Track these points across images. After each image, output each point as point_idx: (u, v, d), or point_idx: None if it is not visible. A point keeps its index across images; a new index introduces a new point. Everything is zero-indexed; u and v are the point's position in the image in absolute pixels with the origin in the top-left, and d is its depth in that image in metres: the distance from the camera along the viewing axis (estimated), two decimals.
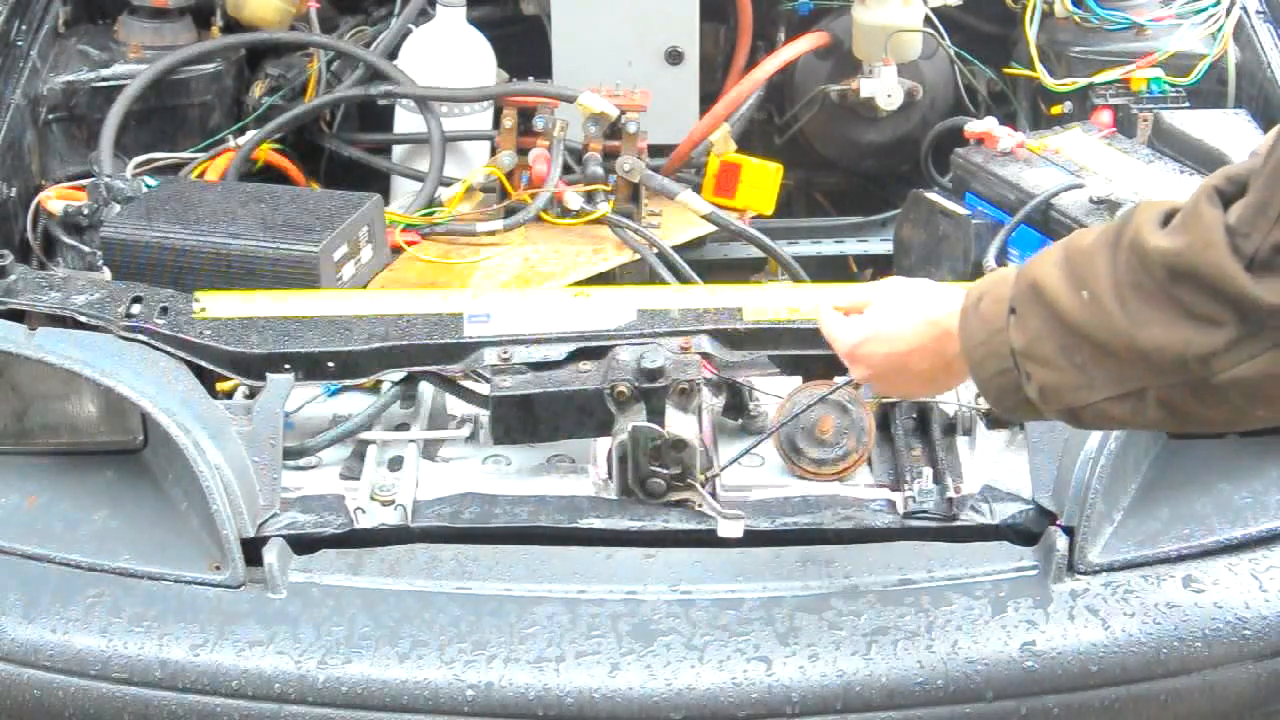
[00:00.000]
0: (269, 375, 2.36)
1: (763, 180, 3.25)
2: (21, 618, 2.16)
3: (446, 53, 3.31)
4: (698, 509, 2.25)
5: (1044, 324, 1.69)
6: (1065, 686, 2.08)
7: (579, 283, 2.89)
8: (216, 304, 2.44)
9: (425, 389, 2.47)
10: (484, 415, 2.40)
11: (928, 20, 3.40)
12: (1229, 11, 3.24)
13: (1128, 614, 2.11)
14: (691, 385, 2.29)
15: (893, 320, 1.96)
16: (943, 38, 3.44)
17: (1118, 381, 1.65)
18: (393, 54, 3.34)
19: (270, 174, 3.20)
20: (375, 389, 2.49)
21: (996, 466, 2.34)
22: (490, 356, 2.37)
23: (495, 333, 2.39)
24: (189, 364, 2.37)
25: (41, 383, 2.34)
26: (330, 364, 2.39)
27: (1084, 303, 1.64)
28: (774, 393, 2.41)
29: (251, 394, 2.38)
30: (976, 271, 2.79)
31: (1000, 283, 1.77)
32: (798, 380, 2.40)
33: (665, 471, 2.24)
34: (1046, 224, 2.79)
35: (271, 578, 2.16)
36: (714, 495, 2.27)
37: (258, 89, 3.30)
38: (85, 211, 2.82)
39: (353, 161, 3.34)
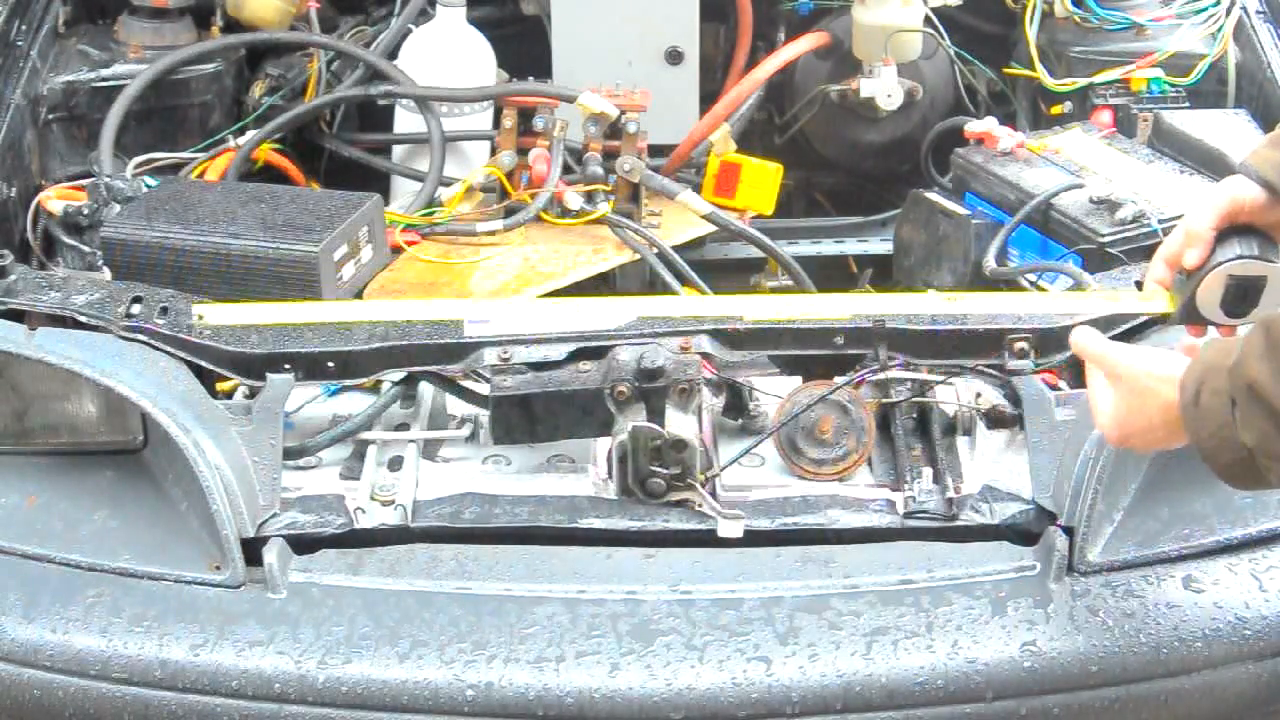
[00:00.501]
0: (269, 375, 2.36)
1: (763, 180, 3.25)
2: (21, 618, 2.16)
3: (446, 53, 3.31)
4: (698, 509, 2.25)
5: (1269, 423, 1.75)
6: (1065, 686, 2.08)
7: (579, 283, 2.89)
8: (215, 312, 2.42)
9: (425, 389, 2.47)
10: (484, 415, 2.40)
11: (928, 20, 3.40)
12: (1229, 11, 3.25)
13: (1128, 614, 2.12)
14: (691, 385, 2.29)
15: (1137, 404, 1.99)
16: (943, 38, 3.44)
17: None
18: (393, 54, 3.34)
19: (270, 174, 3.20)
20: (375, 389, 2.49)
21: (996, 466, 2.34)
22: (490, 356, 2.36)
23: (495, 333, 2.39)
24: (189, 364, 2.37)
25: (41, 383, 2.34)
26: (330, 364, 2.39)
27: None
28: (774, 393, 2.40)
29: (251, 394, 2.38)
30: (976, 271, 2.79)
31: (1213, 372, 1.81)
32: (798, 380, 2.40)
33: (665, 471, 2.24)
34: (1046, 224, 2.79)
35: (271, 578, 2.16)
36: (714, 495, 2.27)
37: (258, 89, 3.30)
38: (85, 211, 2.82)
39: (353, 161, 3.33)
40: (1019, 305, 2.39)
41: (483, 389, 2.38)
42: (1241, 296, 2.02)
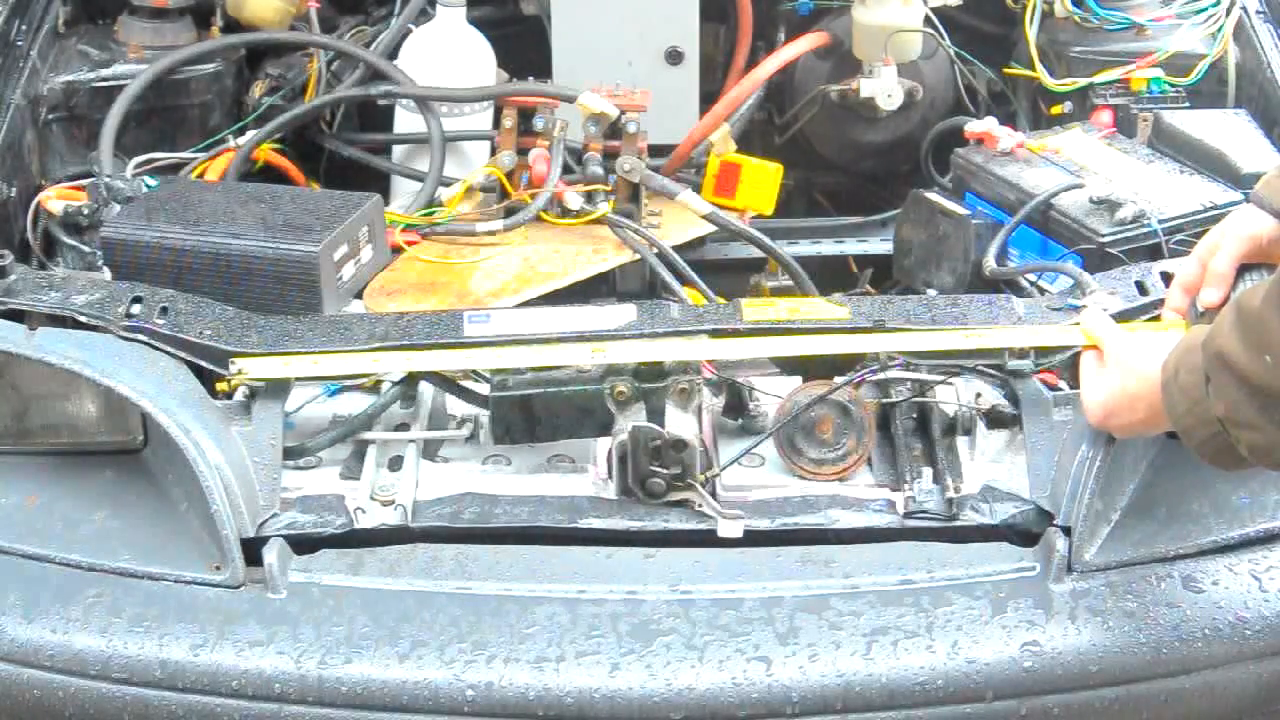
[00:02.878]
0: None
1: (763, 180, 3.24)
2: (21, 618, 2.16)
3: (446, 53, 3.30)
4: (698, 509, 2.25)
5: (1238, 391, 1.80)
6: (1065, 686, 2.08)
7: (579, 283, 2.89)
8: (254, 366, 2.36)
9: (425, 389, 2.47)
10: (484, 415, 2.40)
11: (928, 20, 3.39)
12: (1229, 11, 3.25)
13: (1128, 614, 2.12)
14: (691, 385, 2.29)
15: (1120, 384, 2.08)
16: (943, 38, 3.44)
17: None
18: (393, 54, 3.34)
19: (270, 174, 3.20)
20: (375, 389, 2.49)
21: (996, 466, 2.34)
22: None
23: (495, 333, 2.39)
24: (189, 364, 2.37)
25: (41, 383, 2.34)
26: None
27: (1268, 367, 1.76)
28: (774, 393, 2.40)
29: (251, 394, 2.38)
30: (976, 271, 2.79)
31: (1191, 352, 1.88)
32: (798, 380, 2.40)
33: (665, 471, 2.24)
34: (1046, 224, 2.79)
35: (271, 578, 2.16)
36: (714, 495, 2.27)
37: (258, 89, 3.30)
38: (85, 211, 2.82)
39: (353, 161, 3.33)
40: (1027, 336, 2.37)
41: (482, 389, 2.38)
42: None
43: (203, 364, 2.38)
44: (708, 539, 2.23)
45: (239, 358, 2.35)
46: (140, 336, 2.38)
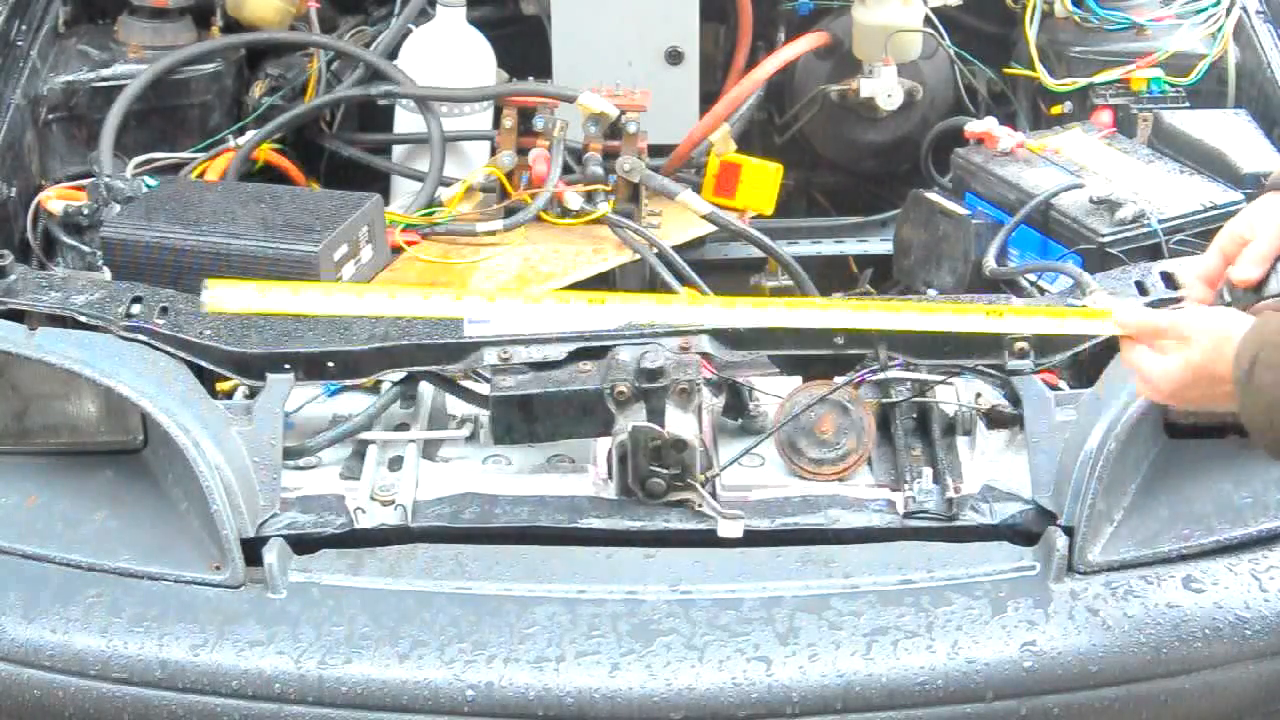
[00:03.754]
0: (269, 375, 2.36)
1: (763, 180, 3.25)
2: (21, 618, 2.16)
3: (446, 53, 3.31)
4: (698, 509, 2.25)
5: None
6: (1065, 686, 2.08)
7: (579, 283, 2.89)
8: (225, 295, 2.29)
9: (425, 389, 2.47)
10: (484, 415, 2.40)
11: (928, 20, 3.40)
12: (1229, 11, 3.25)
13: (1128, 614, 2.12)
14: (691, 385, 2.29)
15: (1210, 364, 1.93)
16: (943, 38, 3.44)
17: None
18: (393, 54, 3.34)
19: (270, 174, 3.20)
20: (375, 389, 2.49)
21: (996, 466, 2.34)
22: (490, 356, 2.36)
23: (495, 333, 2.39)
24: (189, 364, 2.37)
25: (41, 383, 2.34)
26: (330, 364, 2.39)
27: None
28: (774, 393, 2.40)
29: (251, 394, 2.38)
30: (976, 271, 2.79)
31: (1270, 348, 1.81)
32: (798, 380, 2.40)
33: (665, 471, 2.24)
34: (1046, 224, 2.79)
35: (271, 578, 2.16)
36: (714, 495, 2.27)
37: (258, 89, 3.30)
38: (85, 211, 2.82)
39: (353, 161, 3.33)
40: (1028, 325, 2.33)
41: (483, 389, 2.38)
42: None
43: (203, 364, 2.38)
44: (708, 539, 2.23)
45: (212, 282, 2.25)
46: (140, 336, 2.38)
